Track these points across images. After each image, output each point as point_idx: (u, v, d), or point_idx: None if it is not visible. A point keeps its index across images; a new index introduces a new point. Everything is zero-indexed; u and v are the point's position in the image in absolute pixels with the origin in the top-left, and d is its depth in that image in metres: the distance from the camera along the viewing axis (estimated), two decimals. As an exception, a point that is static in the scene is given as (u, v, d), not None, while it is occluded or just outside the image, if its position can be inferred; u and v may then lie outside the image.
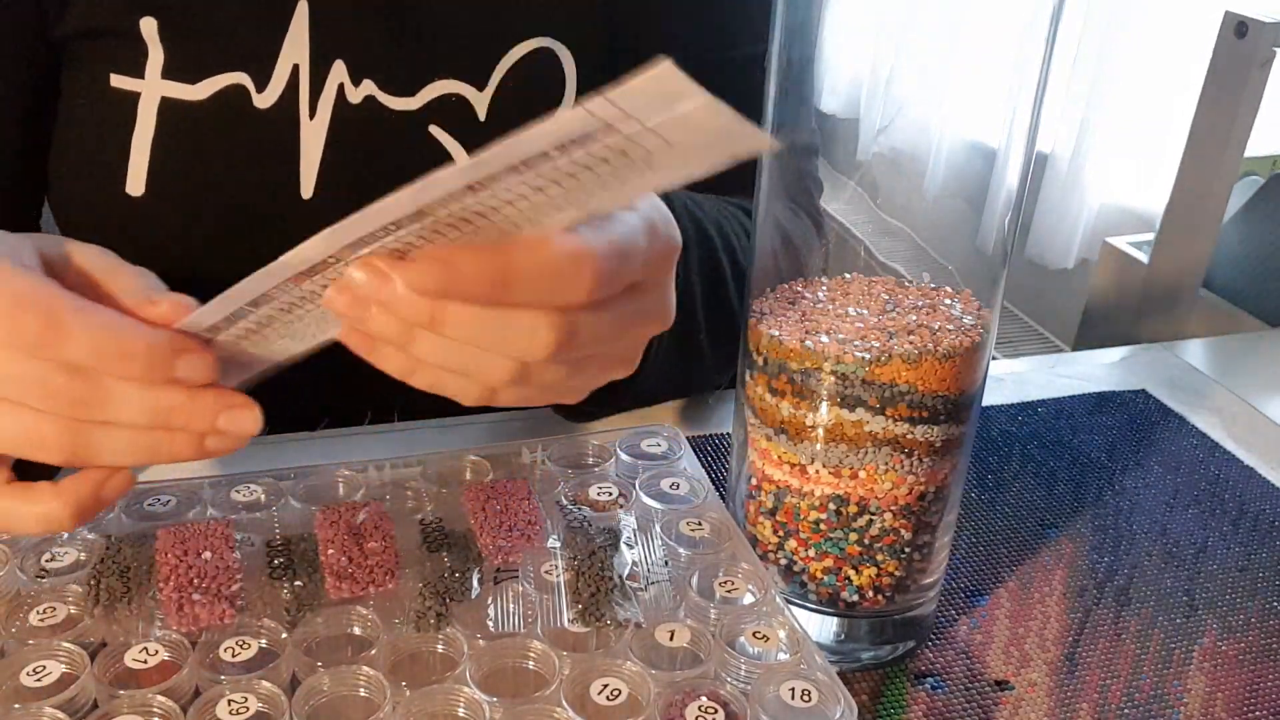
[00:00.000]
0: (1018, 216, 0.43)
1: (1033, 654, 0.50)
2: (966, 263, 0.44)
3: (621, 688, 0.39)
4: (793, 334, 0.43)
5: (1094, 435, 0.67)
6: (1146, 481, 0.63)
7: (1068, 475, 0.63)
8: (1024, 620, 0.52)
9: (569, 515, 0.47)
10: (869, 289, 0.44)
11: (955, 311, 0.44)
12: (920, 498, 0.44)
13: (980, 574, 0.55)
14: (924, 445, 0.43)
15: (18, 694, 0.38)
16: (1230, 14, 1.07)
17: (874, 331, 0.42)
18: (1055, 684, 0.48)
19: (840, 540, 0.45)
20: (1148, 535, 0.58)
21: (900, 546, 0.45)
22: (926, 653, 0.49)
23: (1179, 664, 0.50)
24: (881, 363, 0.42)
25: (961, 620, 0.51)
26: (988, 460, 0.64)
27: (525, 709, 0.38)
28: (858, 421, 0.43)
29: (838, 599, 0.46)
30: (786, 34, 0.42)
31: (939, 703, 0.47)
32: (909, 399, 0.42)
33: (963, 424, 0.44)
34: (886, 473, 0.43)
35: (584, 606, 0.42)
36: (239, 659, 0.40)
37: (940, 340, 0.42)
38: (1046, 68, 0.41)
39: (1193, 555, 0.57)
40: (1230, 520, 0.60)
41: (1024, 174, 0.42)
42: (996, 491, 0.61)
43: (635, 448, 0.53)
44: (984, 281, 0.44)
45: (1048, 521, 0.59)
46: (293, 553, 0.44)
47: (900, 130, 0.42)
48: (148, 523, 0.46)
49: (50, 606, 0.42)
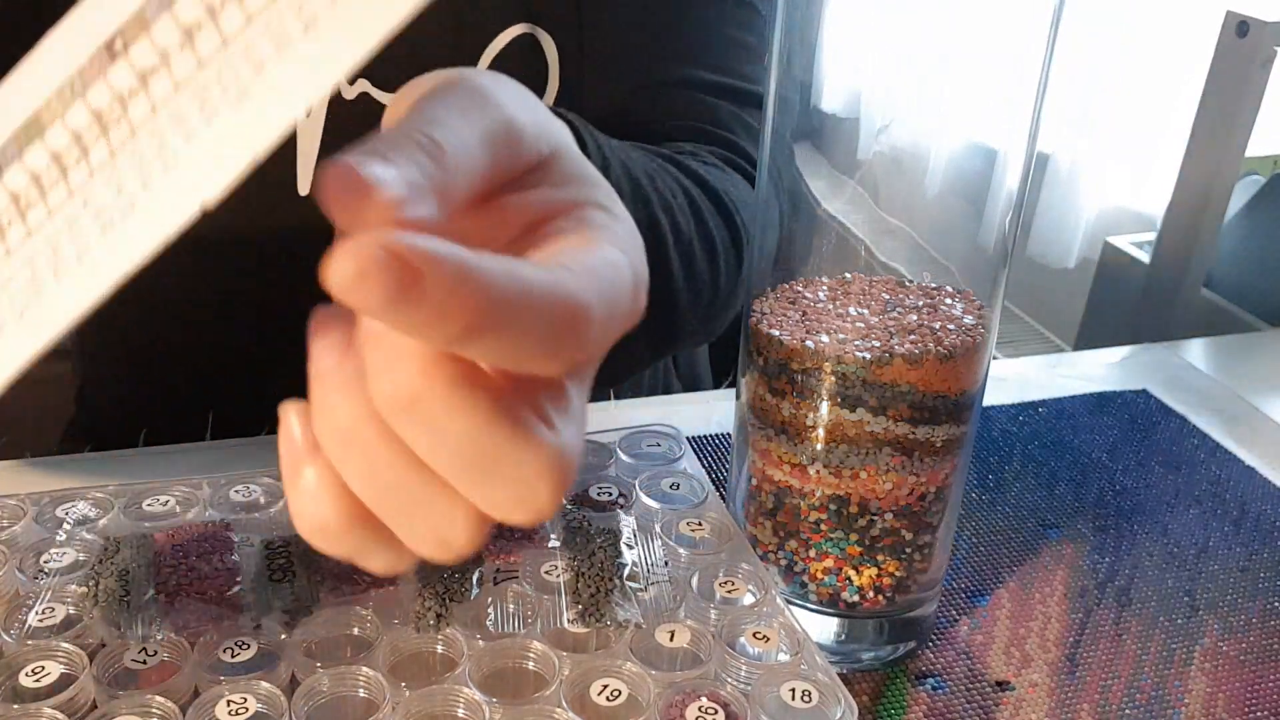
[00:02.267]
0: (1018, 216, 0.43)
1: (1034, 654, 0.50)
2: (967, 262, 0.44)
3: (621, 688, 0.39)
4: (793, 334, 0.43)
5: (1095, 435, 0.67)
6: (1148, 481, 0.63)
7: (1069, 475, 0.63)
8: (1025, 621, 0.52)
9: (569, 515, 0.47)
10: (869, 289, 0.44)
11: (956, 311, 0.44)
12: (921, 498, 0.44)
13: (981, 574, 0.55)
14: (925, 445, 0.43)
15: (17, 694, 0.38)
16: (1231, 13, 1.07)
17: (875, 331, 0.42)
18: (1056, 684, 0.48)
19: (841, 541, 0.45)
20: (1149, 535, 0.58)
21: (901, 547, 0.45)
22: (927, 653, 0.49)
23: (1180, 664, 0.50)
24: (882, 363, 0.42)
25: (962, 621, 0.51)
26: (989, 460, 0.64)
27: (525, 709, 0.38)
28: (858, 422, 0.43)
29: (838, 599, 0.46)
30: (786, 34, 0.42)
31: (940, 703, 0.47)
32: (910, 399, 0.42)
33: (964, 424, 0.44)
34: (887, 473, 0.43)
35: (584, 607, 0.42)
36: (238, 660, 0.40)
37: (941, 340, 0.42)
38: (1047, 67, 0.41)
39: (1194, 555, 0.57)
40: (1232, 520, 0.60)
41: (1025, 173, 0.42)
42: (997, 492, 0.61)
43: (635, 448, 0.53)
44: (985, 281, 0.44)
45: (1049, 522, 0.59)
46: (292, 553, 0.44)
47: (900, 130, 0.42)
48: (147, 523, 0.46)
49: (49, 607, 0.42)
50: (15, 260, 0.23)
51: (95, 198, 0.22)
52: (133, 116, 0.22)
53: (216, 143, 0.22)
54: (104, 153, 0.22)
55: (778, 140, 0.43)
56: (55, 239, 0.23)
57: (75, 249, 0.22)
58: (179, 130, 0.22)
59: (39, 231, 0.23)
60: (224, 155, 0.22)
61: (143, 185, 0.22)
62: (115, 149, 0.22)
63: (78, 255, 0.22)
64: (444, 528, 0.27)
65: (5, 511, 0.46)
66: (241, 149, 0.22)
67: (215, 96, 0.22)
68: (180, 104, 0.22)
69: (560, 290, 0.25)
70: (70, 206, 0.22)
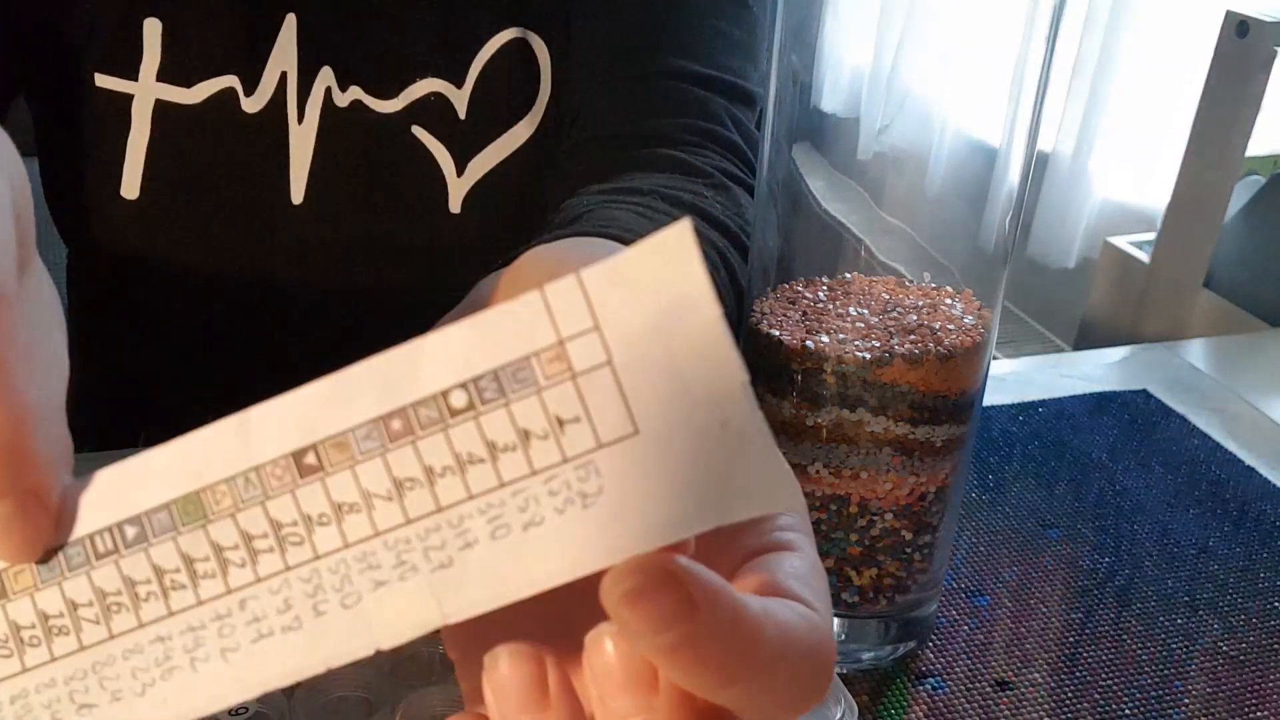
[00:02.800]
0: (1018, 216, 0.43)
1: (1033, 654, 0.50)
2: (967, 262, 0.44)
3: (622, 688, 0.39)
4: (793, 334, 0.43)
5: (1095, 435, 0.67)
6: (1147, 482, 0.63)
7: (1069, 475, 0.63)
8: (1025, 620, 0.52)
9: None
10: (869, 289, 0.44)
11: (956, 311, 0.44)
12: (921, 498, 0.44)
13: (981, 574, 0.55)
14: (925, 446, 0.43)
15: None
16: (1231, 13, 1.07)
17: (875, 331, 0.42)
18: (1056, 684, 0.48)
19: (841, 541, 0.45)
20: (1149, 535, 0.58)
21: (901, 547, 0.45)
22: (927, 653, 0.49)
23: (1180, 664, 0.50)
24: (882, 363, 0.42)
25: (962, 621, 0.51)
26: (989, 460, 0.64)
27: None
28: (858, 422, 0.43)
29: (839, 600, 0.46)
30: (786, 34, 0.42)
31: (940, 703, 0.47)
32: (910, 399, 0.42)
33: (964, 424, 0.44)
34: (887, 473, 0.43)
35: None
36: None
37: (941, 340, 0.42)
38: (1047, 67, 0.41)
39: (1194, 555, 0.57)
40: (1231, 520, 0.60)
41: (1025, 173, 0.42)
42: (997, 492, 0.61)
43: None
44: (985, 281, 0.44)
45: (1049, 522, 0.59)
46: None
47: (900, 130, 0.42)
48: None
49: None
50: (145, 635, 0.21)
51: (257, 605, 0.21)
52: (317, 543, 0.21)
53: (404, 605, 0.20)
54: (278, 564, 0.21)
55: (777, 140, 0.43)
56: (200, 629, 0.21)
57: (221, 645, 0.21)
58: (367, 577, 0.20)
59: (179, 615, 0.21)
60: (406, 621, 0.20)
61: (315, 612, 0.21)
62: (290, 566, 0.21)
63: (222, 651, 0.21)
64: None
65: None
66: (423, 621, 0.21)
67: (416, 558, 0.20)
68: (375, 551, 0.21)
69: (816, 636, 0.23)
70: (224, 603, 0.21)
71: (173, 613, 0.21)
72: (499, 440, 0.20)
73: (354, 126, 0.58)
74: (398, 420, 0.20)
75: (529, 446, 0.20)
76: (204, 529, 0.21)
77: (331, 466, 0.20)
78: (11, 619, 0.21)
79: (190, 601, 0.21)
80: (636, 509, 0.20)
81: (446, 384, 0.20)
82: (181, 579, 0.21)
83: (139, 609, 0.21)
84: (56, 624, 0.21)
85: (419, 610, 0.20)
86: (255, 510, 0.21)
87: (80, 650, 0.21)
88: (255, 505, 0.21)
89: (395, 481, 0.20)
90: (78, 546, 0.21)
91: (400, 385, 0.20)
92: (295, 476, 0.20)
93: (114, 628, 0.21)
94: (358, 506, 0.20)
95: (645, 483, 0.19)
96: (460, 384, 0.20)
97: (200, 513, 0.21)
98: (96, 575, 0.21)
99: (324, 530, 0.20)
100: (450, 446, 0.20)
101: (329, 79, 0.57)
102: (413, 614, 0.20)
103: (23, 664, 0.21)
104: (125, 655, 0.21)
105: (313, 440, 0.20)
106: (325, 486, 0.20)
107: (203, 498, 0.21)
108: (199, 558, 0.21)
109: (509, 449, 0.20)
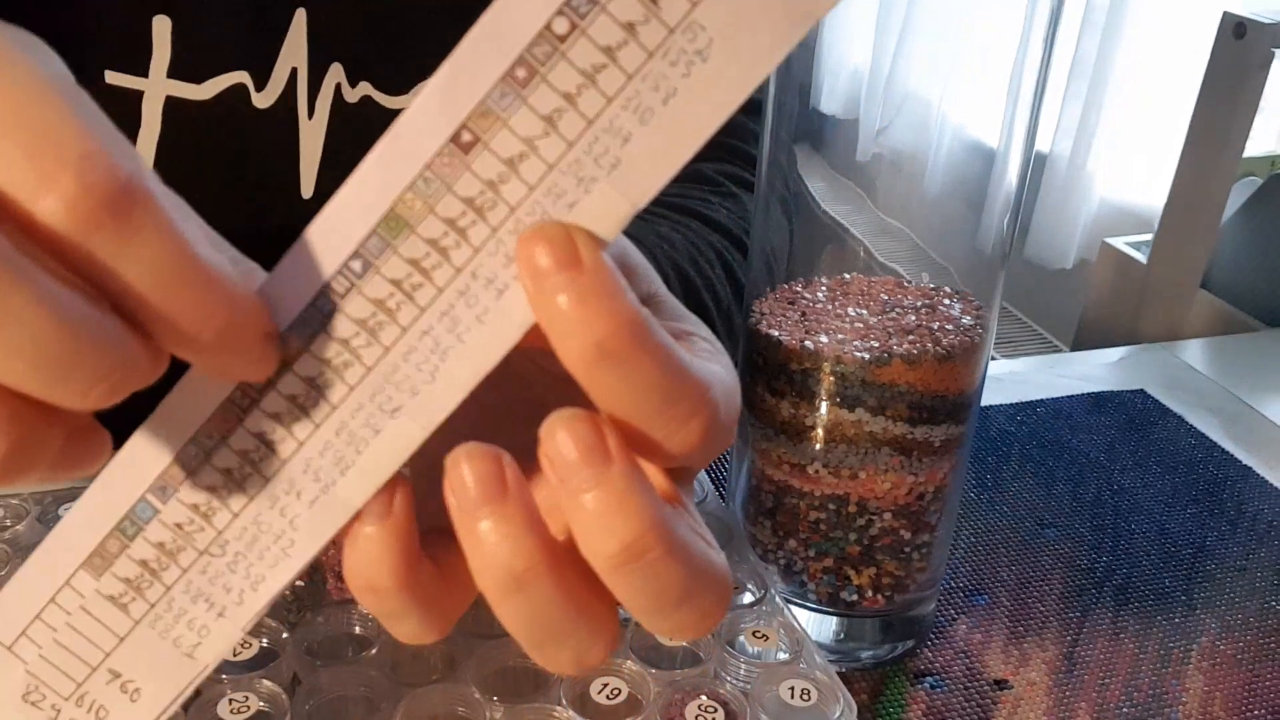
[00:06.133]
0: (1016, 217, 0.43)
1: (1032, 653, 0.50)
2: (966, 263, 0.44)
3: (621, 687, 0.39)
4: (792, 334, 0.43)
5: (1093, 435, 0.67)
6: (1145, 481, 0.63)
7: (1066, 475, 0.63)
8: (1023, 619, 0.52)
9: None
10: (868, 289, 0.44)
11: (954, 312, 0.44)
12: (920, 498, 0.44)
13: (979, 573, 0.55)
14: (923, 445, 0.43)
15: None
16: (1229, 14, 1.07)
17: (874, 332, 0.42)
18: (1054, 683, 0.48)
19: (840, 540, 0.45)
20: (1146, 535, 0.58)
21: (900, 546, 0.45)
22: (926, 652, 0.49)
23: (1177, 663, 0.50)
24: (881, 363, 0.42)
25: (961, 620, 0.52)
26: (987, 460, 0.64)
27: (525, 708, 0.38)
28: (857, 422, 0.43)
29: (837, 599, 0.46)
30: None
31: (938, 702, 0.47)
32: (908, 399, 0.42)
33: (962, 424, 0.44)
34: (886, 473, 0.43)
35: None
36: (239, 658, 0.40)
37: (939, 340, 0.42)
38: (1046, 68, 0.41)
39: (1191, 555, 0.57)
40: (1228, 520, 0.60)
41: (1023, 174, 0.43)
42: (995, 491, 0.61)
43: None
44: (983, 282, 0.44)
45: (1046, 521, 0.59)
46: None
47: (900, 130, 0.42)
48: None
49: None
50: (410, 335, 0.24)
51: (484, 270, 0.24)
52: (507, 197, 0.23)
53: (598, 210, 0.23)
54: (485, 230, 0.23)
55: (777, 142, 0.43)
56: (450, 310, 0.24)
57: (473, 314, 0.24)
58: (560, 203, 0.23)
59: (430, 309, 0.24)
60: (609, 219, 0.23)
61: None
62: (495, 227, 0.23)
63: (477, 318, 0.24)
64: (584, 650, 0.27)
65: (8, 511, 0.46)
66: (620, 214, 0.23)
67: (590, 170, 0.23)
68: (556, 181, 0.23)
69: (695, 364, 0.25)
70: (459, 281, 0.24)
71: (423, 309, 0.24)
72: (610, 42, 0.22)
73: (364, 122, 0.58)
74: (521, 69, 0.22)
75: (636, 35, 0.22)
76: (413, 233, 0.23)
77: (486, 134, 0.23)
78: (300, 375, 0.24)
79: (432, 294, 0.24)
80: (745, 42, 0.22)
81: (545, 17, 0.22)
82: (416, 279, 0.24)
83: (396, 317, 0.24)
84: (337, 362, 0.24)
85: (612, 209, 0.23)
86: (446, 199, 0.23)
87: (368, 371, 0.24)
88: (443, 194, 0.23)
89: (544, 118, 0.23)
90: (320, 299, 0.24)
91: (507, 38, 0.22)
92: (461, 156, 0.23)
93: (384, 341, 0.24)
94: (524, 154, 0.23)
95: (741, 13, 0.22)
96: (557, 11, 0.22)
97: (402, 223, 0.23)
98: (349, 308, 0.24)
99: (507, 186, 0.23)
100: (574, 66, 0.22)
101: (339, 75, 0.57)
102: (608, 214, 0.23)
103: (331, 403, 0.24)
104: (405, 358, 0.24)
105: (460, 120, 0.23)
106: (491, 150, 0.23)
107: (397, 211, 0.23)
108: (420, 257, 0.23)
109: (622, 44, 0.22)
